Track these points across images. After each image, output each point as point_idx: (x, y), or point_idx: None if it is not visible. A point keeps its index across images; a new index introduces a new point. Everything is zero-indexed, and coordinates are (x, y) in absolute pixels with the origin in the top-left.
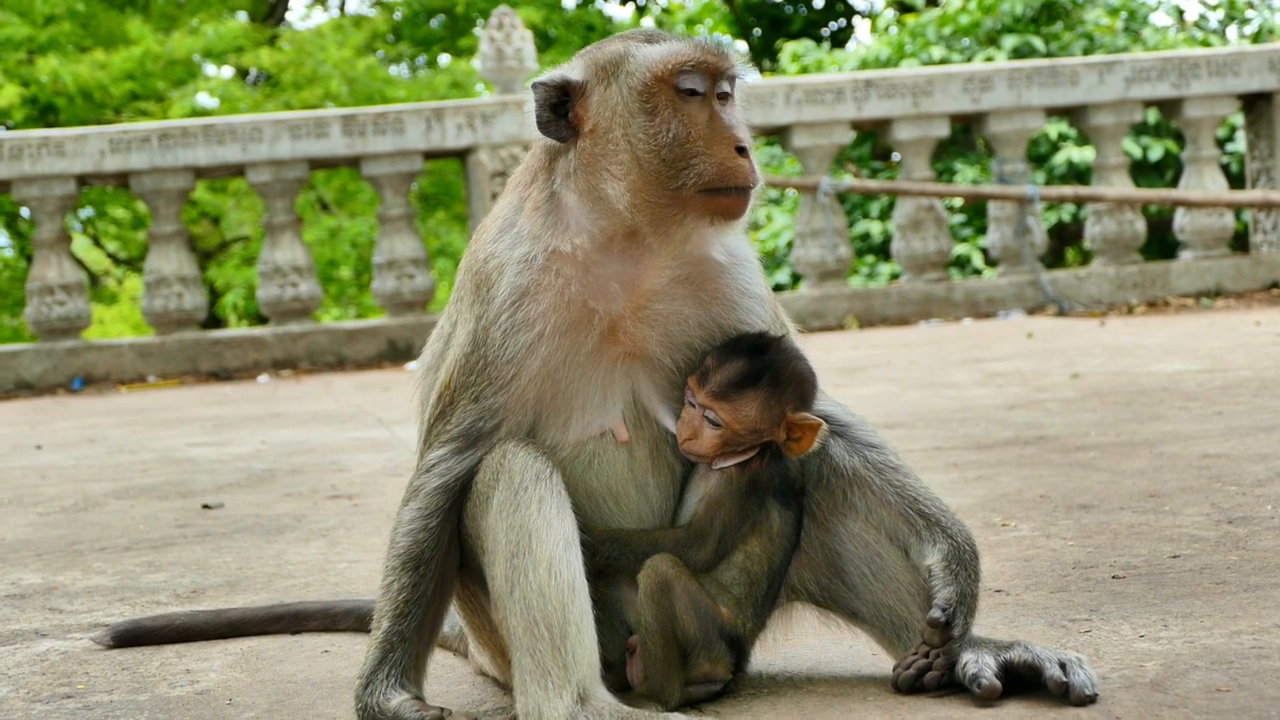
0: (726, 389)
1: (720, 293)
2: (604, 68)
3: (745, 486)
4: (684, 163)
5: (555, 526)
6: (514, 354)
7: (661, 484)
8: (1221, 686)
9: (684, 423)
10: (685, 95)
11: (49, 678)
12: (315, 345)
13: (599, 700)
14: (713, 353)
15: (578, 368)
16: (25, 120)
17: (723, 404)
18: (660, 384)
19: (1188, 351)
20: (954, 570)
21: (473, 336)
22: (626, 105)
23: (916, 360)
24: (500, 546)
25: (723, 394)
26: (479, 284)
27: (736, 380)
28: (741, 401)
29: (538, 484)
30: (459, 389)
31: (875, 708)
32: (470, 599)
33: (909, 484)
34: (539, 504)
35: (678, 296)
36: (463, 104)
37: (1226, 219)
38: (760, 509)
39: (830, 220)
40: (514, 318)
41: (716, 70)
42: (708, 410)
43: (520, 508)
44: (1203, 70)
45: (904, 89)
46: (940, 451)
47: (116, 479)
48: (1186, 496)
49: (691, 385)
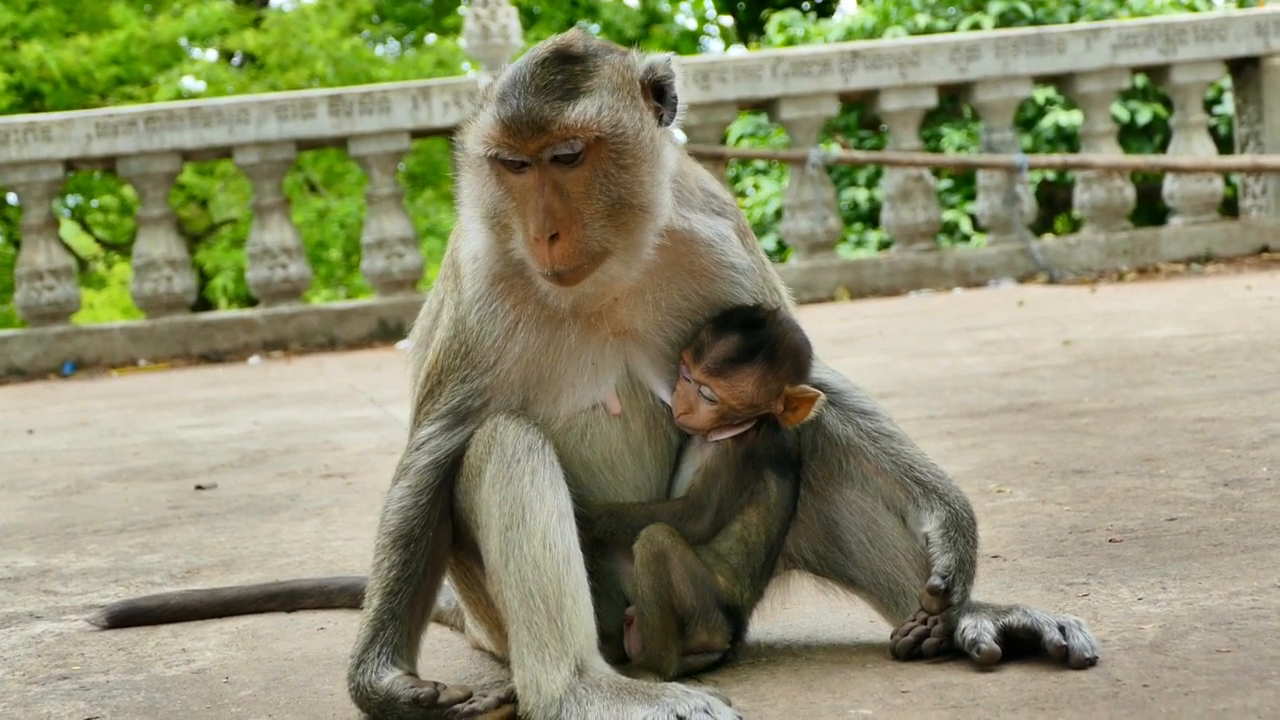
0: (722, 365)
1: (697, 267)
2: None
3: (741, 457)
4: (508, 233)
5: (549, 498)
6: (493, 341)
7: (658, 454)
8: (1221, 647)
9: (679, 396)
10: (509, 169)
11: (44, 659)
12: (306, 326)
13: (596, 671)
14: (707, 326)
15: (564, 352)
16: (11, 107)
17: (718, 380)
18: (654, 357)
19: (1179, 317)
20: (952, 537)
21: (453, 321)
22: (470, 161)
23: (908, 330)
24: (494, 520)
25: (718, 370)
26: (455, 270)
27: (732, 356)
28: (737, 378)
29: (530, 456)
30: (445, 370)
31: (874, 674)
32: (465, 574)
33: (904, 451)
34: (532, 475)
35: (654, 284)
36: (449, 82)
37: (1216, 184)
38: (757, 479)
39: (819, 192)
40: (485, 309)
41: (525, 151)
42: (703, 386)
43: (513, 480)
44: (1190, 35)
45: (891, 59)
46: (934, 420)
47: (109, 462)
48: (1181, 460)
49: (686, 360)
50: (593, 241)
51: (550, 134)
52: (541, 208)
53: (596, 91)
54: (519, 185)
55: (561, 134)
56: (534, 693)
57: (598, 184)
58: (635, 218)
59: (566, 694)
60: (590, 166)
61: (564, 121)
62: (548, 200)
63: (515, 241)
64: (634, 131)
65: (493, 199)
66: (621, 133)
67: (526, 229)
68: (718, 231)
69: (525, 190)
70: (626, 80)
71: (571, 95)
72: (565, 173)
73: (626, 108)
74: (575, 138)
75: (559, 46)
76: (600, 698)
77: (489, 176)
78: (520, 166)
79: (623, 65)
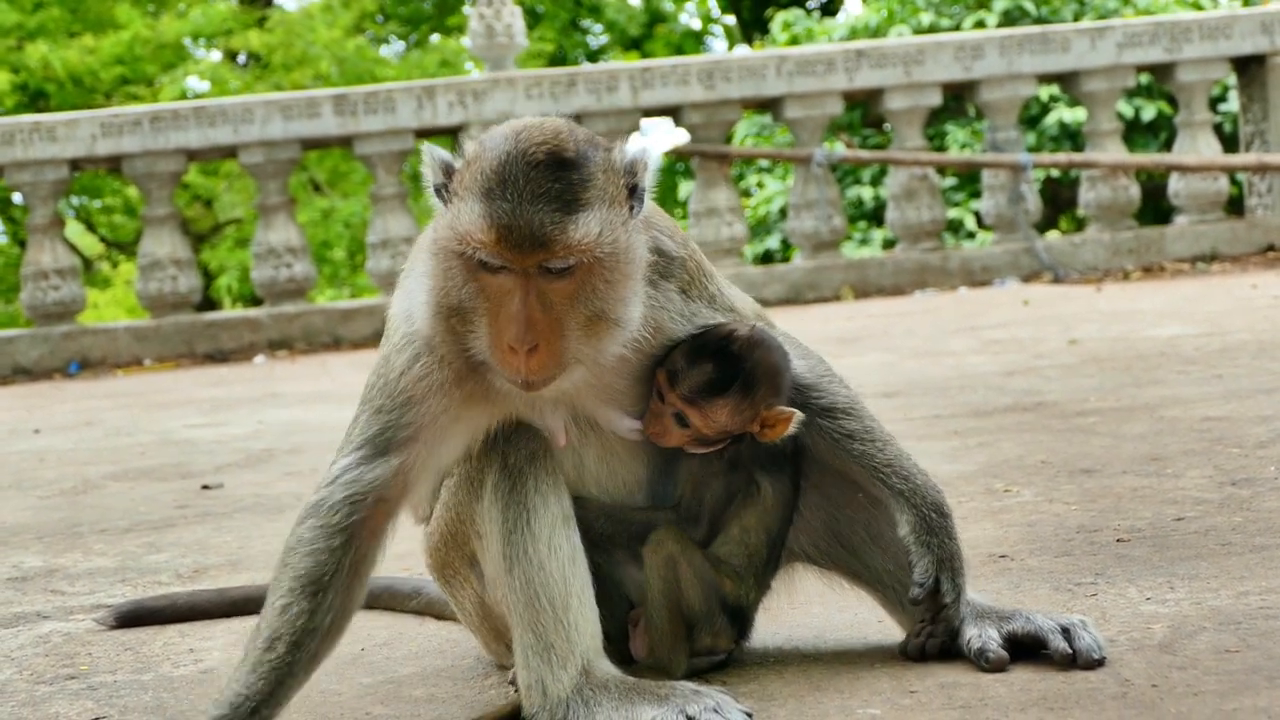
0: (696, 395)
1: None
2: (451, 188)
3: (727, 464)
4: (468, 329)
5: (552, 504)
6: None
7: (624, 475)
8: (1230, 647)
9: (653, 415)
10: (489, 270)
11: (52, 659)
12: (310, 325)
13: (603, 672)
14: (682, 349)
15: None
16: (16, 106)
17: (692, 409)
18: (600, 394)
19: (1185, 316)
20: (924, 540)
21: (383, 358)
22: (434, 243)
23: (913, 329)
24: (497, 526)
25: (692, 400)
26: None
27: (707, 386)
28: (712, 408)
29: (532, 463)
30: (366, 399)
31: (882, 674)
32: (460, 582)
33: (868, 452)
34: (535, 482)
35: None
36: (454, 81)
37: (1221, 183)
38: (748, 483)
39: (824, 192)
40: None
41: (517, 263)
42: (678, 411)
43: (516, 487)
44: (1195, 34)
45: (895, 58)
46: (940, 419)
47: (115, 461)
48: (1189, 459)
49: (661, 381)
50: (568, 353)
51: (549, 250)
52: (524, 318)
53: (594, 205)
54: (494, 287)
55: (562, 253)
56: (539, 694)
57: (582, 297)
58: (610, 331)
59: (573, 695)
60: (578, 280)
61: (566, 241)
62: (530, 311)
63: (475, 341)
64: (624, 248)
65: (458, 295)
66: (614, 251)
67: (498, 335)
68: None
69: (501, 294)
70: (615, 186)
71: (571, 209)
72: (550, 283)
73: (619, 221)
74: (572, 256)
75: (552, 149)
76: (608, 698)
77: (457, 270)
78: (499, 269)
79: (610, 169)
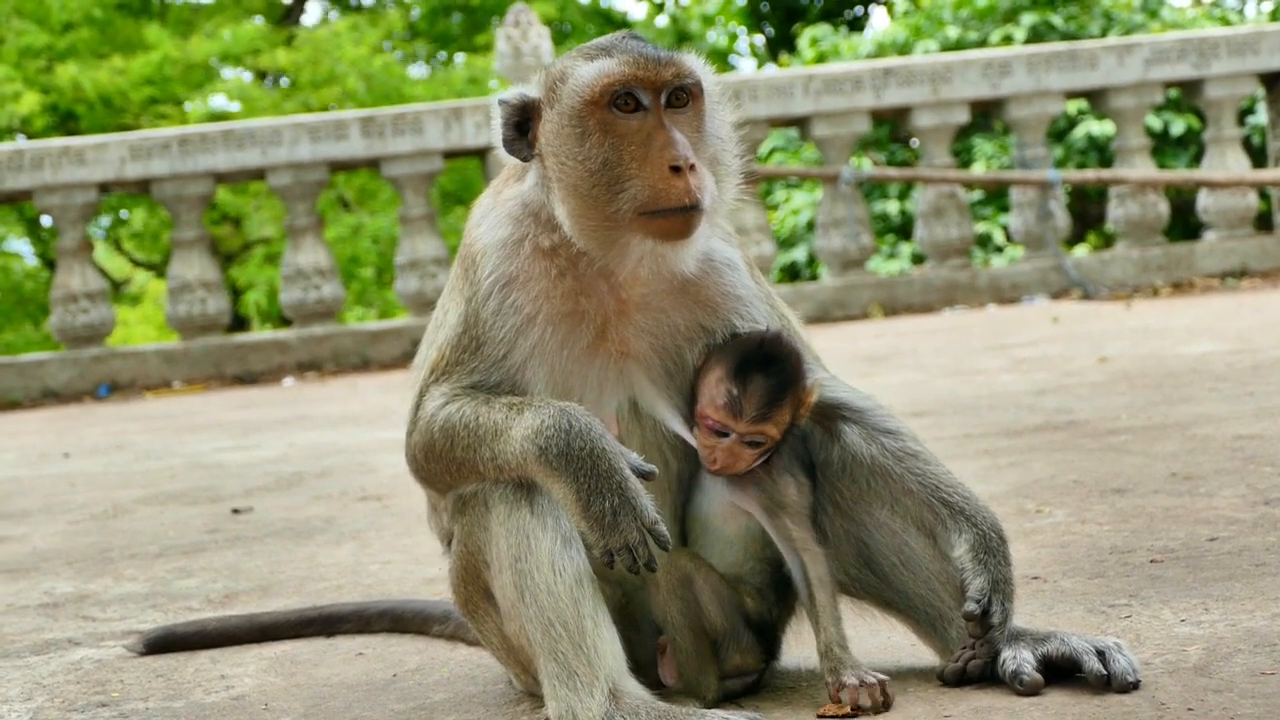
0: (764, 410)
1: (704, 296)
2: (550, 88)
3: None
4: (618, 186)
5: (550, 524)
6: (504, 335)
7: (658, 479)
8: (1266, 669)
9: (720, 450)
10: (624, 113)
11: (83, 686)
12: (339, 347)
13: (633, 696)
14: (727, 379)
15: (574, 359)
16: (46, 127)
17: (765, 425)
18: (656, 383)
19: (1215, 332)
20: (982, 559)
21: (463, 317)
22: (559, 131)
23: (942, 347)
24: (503, 554)
25: (763, 417)
26: (467, 267)
27: (769, 399)
28: (778, 414)
29: (529, 487)
30: (451, 365)
31: (915, 698)
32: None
33: (929, 471)
34: (531, 502)
35: (662, 305)
36: (481, 102)
37: (1250, 199)
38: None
39: (851, 209)
40: (503, 301)
41: (653, 84)
42: (751, 436)
43: (516, 509)
44: (1222, 50)
45: (923, 76)
46: (970, 439)
47: (145, 485)
48: (1221, 478)
49: (723, 420)
50: (709, 183)
51: (677, 65)
52: (674, 139)
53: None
54: (634, 130)
55: (687, 69)
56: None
57: (703, 131)
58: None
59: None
60: (695, 113)
61: (686, 61)
62: (675, 133)
63: (620, 198)
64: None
65: (598, 154)
66: (714, 92)
67: (655, 165)
68: (729, 258)
69: (645, 132)
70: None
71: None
72: (675, 115)
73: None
74: (691, 76)
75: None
76: None
77: (593, 131)
78: (635, 110)
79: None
